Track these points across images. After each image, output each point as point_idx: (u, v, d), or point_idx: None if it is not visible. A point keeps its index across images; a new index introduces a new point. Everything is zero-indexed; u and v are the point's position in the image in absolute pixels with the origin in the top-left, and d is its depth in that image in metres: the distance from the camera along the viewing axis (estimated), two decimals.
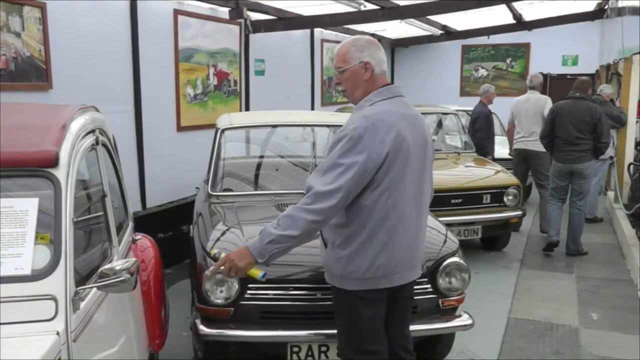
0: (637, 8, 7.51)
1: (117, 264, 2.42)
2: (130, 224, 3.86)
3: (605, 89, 9.39)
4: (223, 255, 3.10)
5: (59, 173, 2.43)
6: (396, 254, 3.02)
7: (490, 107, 9.62)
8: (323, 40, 11.78)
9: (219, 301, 3.75)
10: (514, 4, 9.97)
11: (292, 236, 2.90)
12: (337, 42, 12.33)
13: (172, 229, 7.03)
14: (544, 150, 7.84)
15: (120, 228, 3.44)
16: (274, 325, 3.78)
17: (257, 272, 3.07)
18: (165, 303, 4.03)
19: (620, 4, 9.87)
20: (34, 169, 2.41)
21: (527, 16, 12.20)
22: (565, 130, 7.20)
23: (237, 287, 3.73)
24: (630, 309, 5.85)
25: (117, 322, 2.94)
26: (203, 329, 3.78)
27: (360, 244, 2.97)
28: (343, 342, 3.25)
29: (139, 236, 4.05)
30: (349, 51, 3.07)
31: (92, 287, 2.42)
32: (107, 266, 2.42)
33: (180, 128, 7.69)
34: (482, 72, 15.17)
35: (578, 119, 7.13)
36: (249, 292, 3.75)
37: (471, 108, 9.91)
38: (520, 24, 12.67)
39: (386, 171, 2.91)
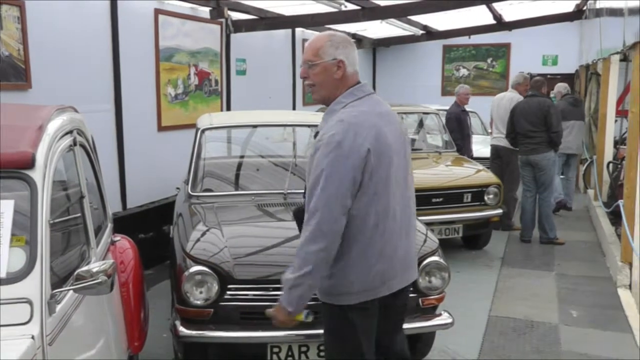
0: (615, 9, 7.59)
1: (94, 266, 2.41)
2: (109, 225, 3.84)
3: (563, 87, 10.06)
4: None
5: (35, 174, 2.41)
6: (390, 259, 2.88)
7: (469, 106, 9.73)
8: (304, 40, 11.76)
9: (198, 302, 3.74)
10: (494, 4, 10.03)
11: (307, 273, 2.71)
12: None
13: (153, 230, 7.00)
14: (513, 147, 8.38)
15: (98, 229, 3.41)
16: (254, 326, 3.77)
17: (300, 316, 2.90)
18: (144, 304, 4.01)
19: (598, 5, 9.96)
20: (10, 170, 2.39)
21: (507, 17, 12.27)
22: (521, 126, 7.97)
23: (216, 288, 3.73)
24: (609, 306, 5.91)
25: (95, 324, 2.92)
26: (183, 330, 3.77)
27: (356, 255, 2.80)
28: (334, 357, 3.05)
29: (118, 237, 4.02)
30: (324, 46, 2.87)
31: (68, 290, 2.41)
32: (84, 268, 2.40)
33: (161, 128, 7.65)
34: (464, 71, 15.24)
35: (530, 113, 7.91)
36: (228, 292, 3.75)
37: (446, 108, 9.98)
38: (501, 25, 12.74)
39: (370, 176, 2.75)
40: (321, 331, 3.64)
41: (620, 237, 6.78)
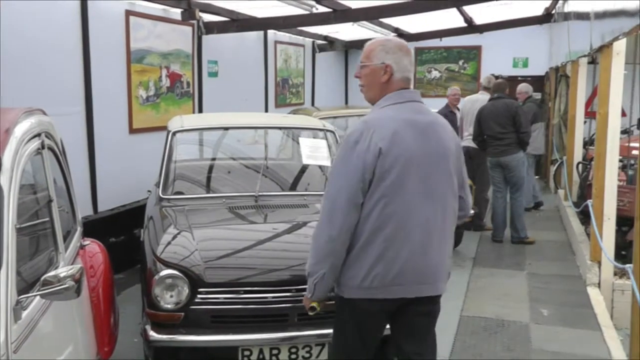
0: (582, 13, 7.70)
1: (61, 271, 2.39)
2: (79, 229, 3.80)
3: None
4: None
5: (2, 178, 2.39)
6: (395, 265, 2.88)
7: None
8: (276, 42, 11.76)
9: (169, 306, 3.72)
10: (465, 7, 10.10)
11: (319, 261, 2.89)
12: (291, 43, 12.39)
13: (124, 233, 6.94)
14: (482, 150, 8.48)
15: (67, 234, 3.38)
16: (225, 329, 3.76)
17: (314, 303, 3.03)
18: (114, 309, 3.98)
19: (566, 9, 10.09)
20: None
21: (478, 20, 12.36)
22: (490, 128, 8.08)
23: (187, 291, 3.71)
24: (579, 304, 5.99)
25: (63, 330, 2.89)
26: (153, 334, 3.74)
27: (356, 252, 2.89)
28: (333, 349, 3.21)
29: (87, 241, 3.99)
30: (375, 49, 3.01)
31: (35, 296, 2.38)
32: (51, 273, 2.38)
33: (132, 130, 7.58)
34: (435, 73, 15.33)
35: (498, 115, 8.02)
36: (199, 296, 3.74)
37: None
38: (472, 27, 12.83)
39: (381, 178, 2.83)
40: (292, 334, 3.71)
41: (590, 236, 6.88)
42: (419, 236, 2.91)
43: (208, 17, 8.95)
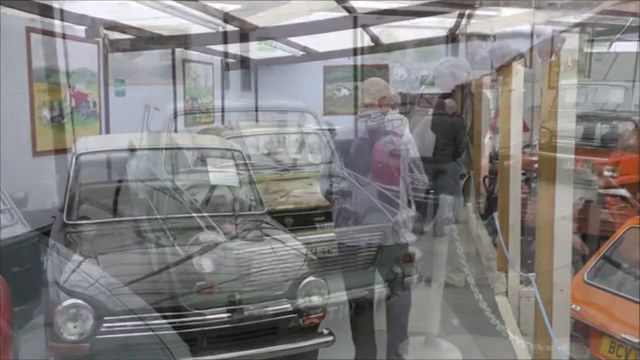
0: (482, 35, 8.02)
1: None
2: None
3: None
4: None
5: None
6: None
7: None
8: (184, 60, 11.64)
9: (72, 337, 3.59)
10: (371, 27, 10.30)
11: None
12: (200, 62, 12.27)
13: (29, 262, 6.65)
14: None
15: None
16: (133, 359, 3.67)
17: None
18: (13, 346, 3.78)
19: (468, 30, 10.44)
20: None
21: (385, 39, 12.61)
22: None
23: (91, 321, 3.59)
24: (488, 313, 6.13)
25: None
26: None
27: None
28: None
29: None
30: None
31: None
32: None
33: (36, 153, 7.31)
34: (345, 91, 15.52)
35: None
36: (105, 325, 3.63)
37: (336, 127, 10.15)
38: (379, 47, 13.07)
39: None
40: (201, 358, 3.66)
41: (497, 247, 7.09)
42: None
43: (114, 35, 8.76)
